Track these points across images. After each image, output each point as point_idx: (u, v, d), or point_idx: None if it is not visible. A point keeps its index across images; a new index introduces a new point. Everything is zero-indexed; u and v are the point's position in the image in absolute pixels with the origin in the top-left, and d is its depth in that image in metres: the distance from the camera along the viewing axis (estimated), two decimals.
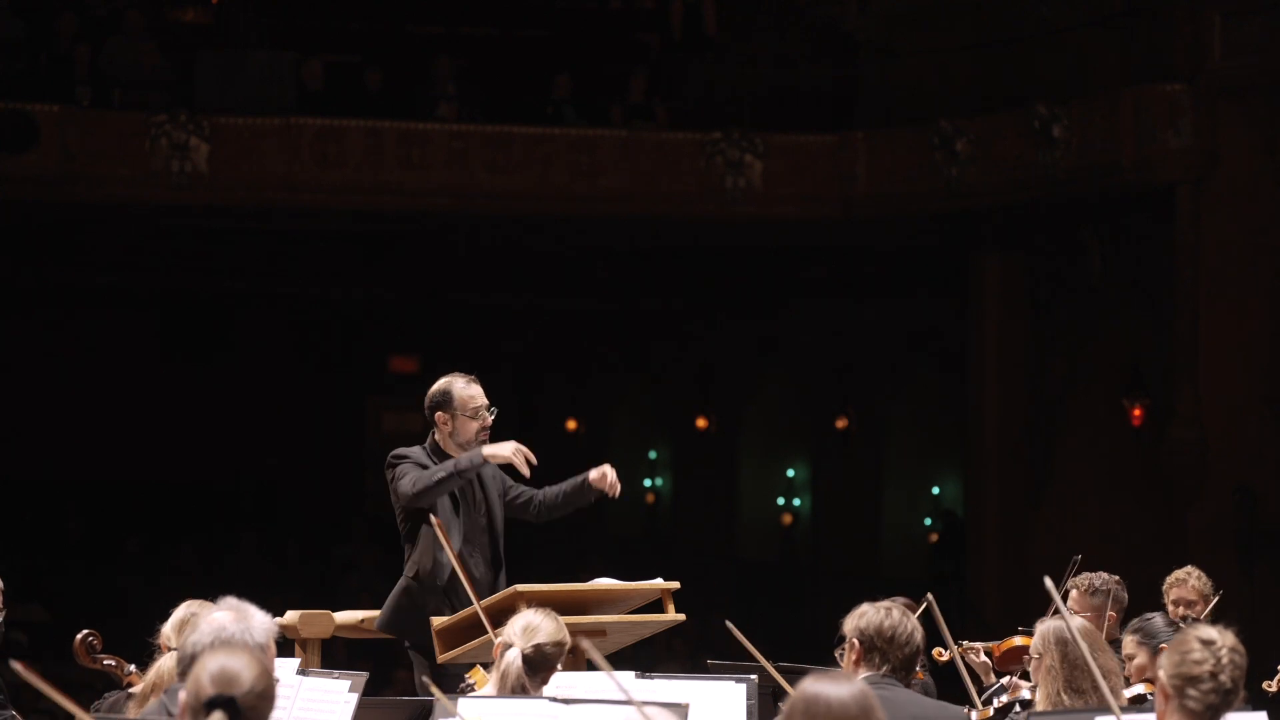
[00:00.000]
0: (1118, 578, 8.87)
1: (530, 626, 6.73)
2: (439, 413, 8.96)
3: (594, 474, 9.13)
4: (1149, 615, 8.56)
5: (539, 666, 6.67)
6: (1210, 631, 5.24)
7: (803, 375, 26.01)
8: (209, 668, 4.75)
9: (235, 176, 20.43)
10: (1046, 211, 20.68)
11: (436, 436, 9.01)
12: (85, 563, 24.54)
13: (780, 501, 27.11)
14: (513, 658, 6.67)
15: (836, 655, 7.14)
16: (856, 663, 6.45)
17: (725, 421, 27.48)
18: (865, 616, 6.47)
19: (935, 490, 25.10)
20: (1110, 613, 8.67)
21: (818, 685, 4.67)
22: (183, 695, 4.82)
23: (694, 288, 26.30)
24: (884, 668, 6.41)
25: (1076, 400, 20.74)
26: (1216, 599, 9.45)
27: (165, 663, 6.54)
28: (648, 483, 29.53)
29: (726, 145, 21.12)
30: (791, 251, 23.49)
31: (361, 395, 28.59)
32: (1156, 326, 19.71)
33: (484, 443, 8.94)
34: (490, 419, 8.97)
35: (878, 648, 6.40)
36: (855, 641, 6.45)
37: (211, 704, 4.69)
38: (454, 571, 8.65)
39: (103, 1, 21.80)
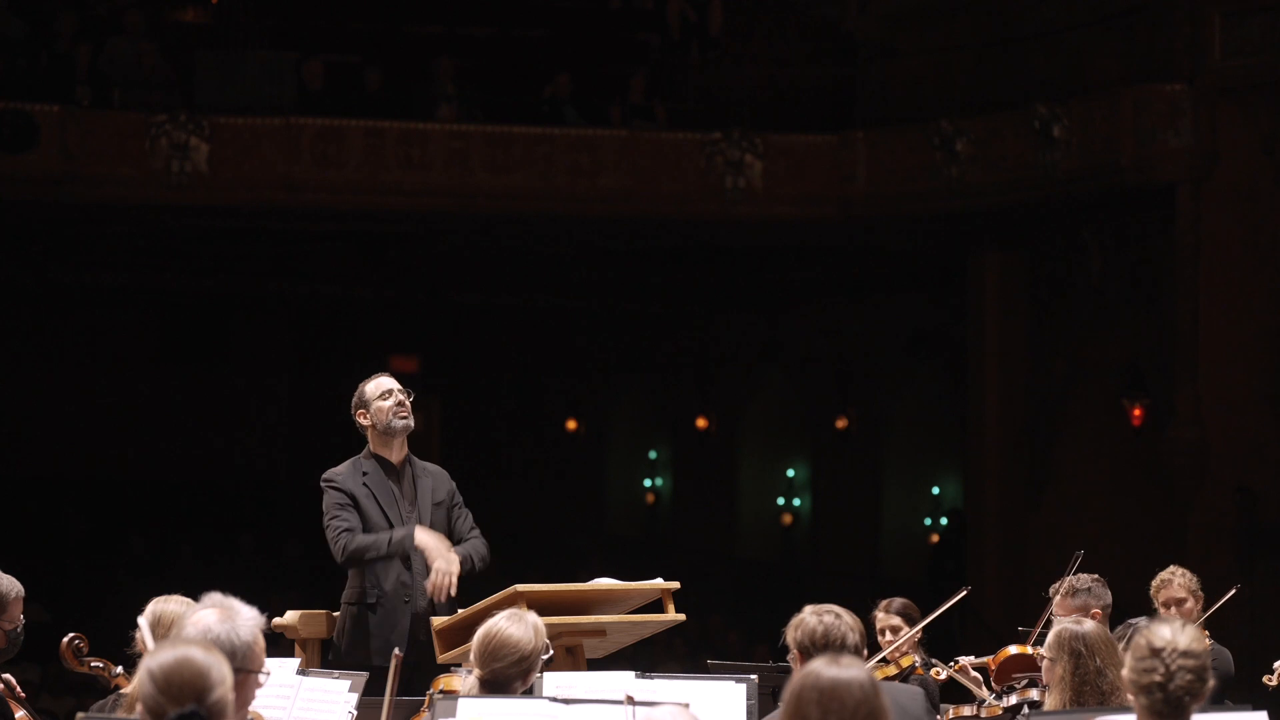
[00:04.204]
0: (1097, 575, 8.88)
1: (486, 647, 6.60)
2: (359, 412, 9.11)
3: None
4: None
5: (504, 684, 6.58)
6: (1163, 635, 5.23)
7: (803, 375, 26.01)
8: (154, 679, 4.66)
9: (235, 176, 20.42)
10: (1046, 211, 20.68)
11: (369, 442, 9.13)
12: (86, 562, 24.54)
13: (780, 501, 27.11)
14: (470, 685, 6.63)
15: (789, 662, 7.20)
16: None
17: (725, 421, 27.48)
18: (800, 627, 6.53)
19: (935, 490, 25.10)
20: (1095, 610, 8.68)
21: (830, 670, 4.66)
22: (139, 709, 4.73)
23: (694, 288, 26.30)
24: None
25: (1076, 400, 20.74)
26: (1229, 594, 9.42)
27: None
28: (648, 483, 29.53)
29: (726, 145, 21.12)
30: (792, 251, 23.48)
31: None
32: (1156, 326, 19.71)
33: (403, 419, 9.03)
34: (404, 398, 9.03)
35: (813, 656, 6.45)
36: (796, 651, 6.52)
37: None
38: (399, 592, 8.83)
39: (103, 1, 21.80)
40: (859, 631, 6.54)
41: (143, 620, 5.27)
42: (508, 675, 6.57)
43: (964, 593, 9.24)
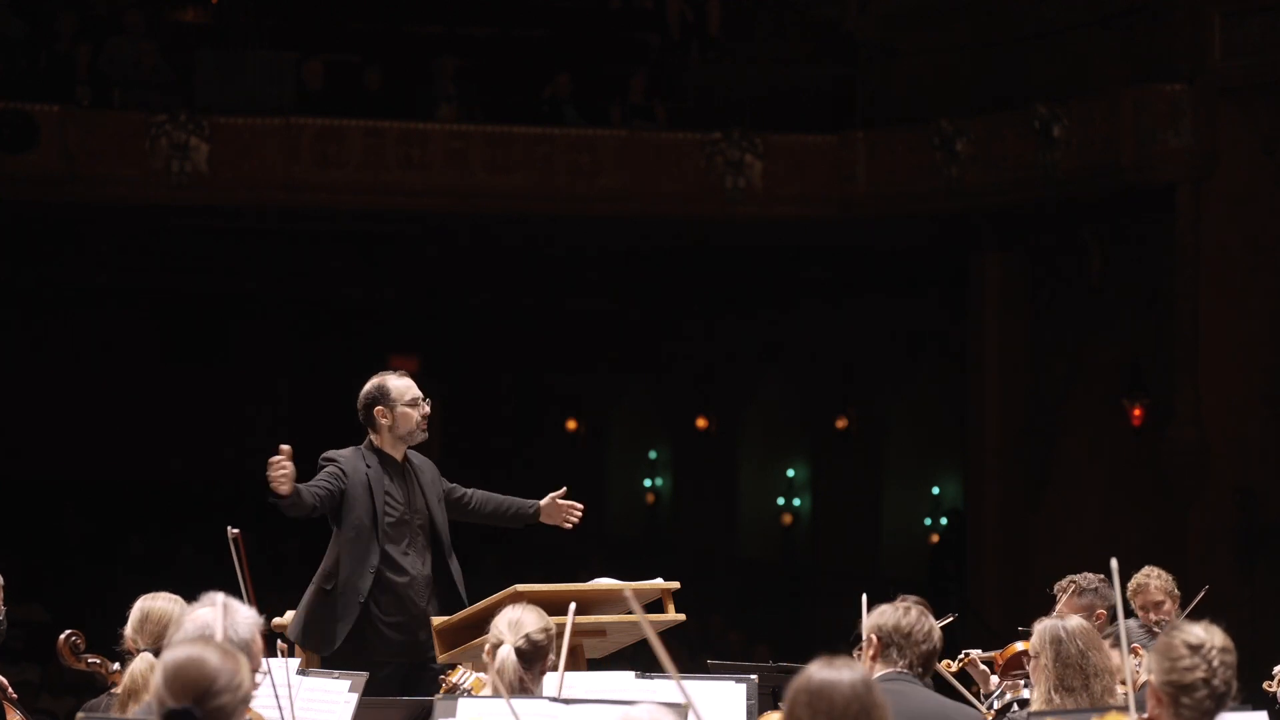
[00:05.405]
0: (1103, 576, 8.87)
1: (515, 621, 6.76)
2: (377, 408, 9.07)
3: (547, 504, 9.15)
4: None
5: (533, 658, 6.70)
6: (1197, 634, 5.17)
7: (803, 375, 26.01)
8: (164, 672, 4.67)
9: (235, 176, 20.42)
10: (1046, 211, 20.68)
11: (373, 436, 9.10)
12: (85, 563, 24.54)
13: (780, 501, 27.11)
14: (506, 654, 6.69)
15: (855, 656, 7.18)
16: (874, 658, 6.52)
17: (725, 421, 27.47)
18: (884, 614, 6.56)
19: (935, 490, 25.10)
20: (1100, 610, 8.67)
21: (822, 672, 4.67)
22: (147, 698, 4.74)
23: (694, 288, 26.30)
24: (900, 663, 6.46)
25: (1076, 400, 20.73)
26: (1200, 595, 9.41)
27: (137, 665, 6.50)
28: (648, 483, 29.53)
29: (726, 145, 21.12)
30: (791, 251, 23.48)
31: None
32: (1156, 326, 19.71)
33: (424, 432, 9.07)
34: (428, 409, 9.05)
35: (895, 643, 6.48)
36: (873, 637, 6.54)
37: (170, 717, 4.63)
38: (377, 578, 8.79)
39: (103, 1, 21.81)
40: (940, 633, 6.62)
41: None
42: (536, 643, 6.70)
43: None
